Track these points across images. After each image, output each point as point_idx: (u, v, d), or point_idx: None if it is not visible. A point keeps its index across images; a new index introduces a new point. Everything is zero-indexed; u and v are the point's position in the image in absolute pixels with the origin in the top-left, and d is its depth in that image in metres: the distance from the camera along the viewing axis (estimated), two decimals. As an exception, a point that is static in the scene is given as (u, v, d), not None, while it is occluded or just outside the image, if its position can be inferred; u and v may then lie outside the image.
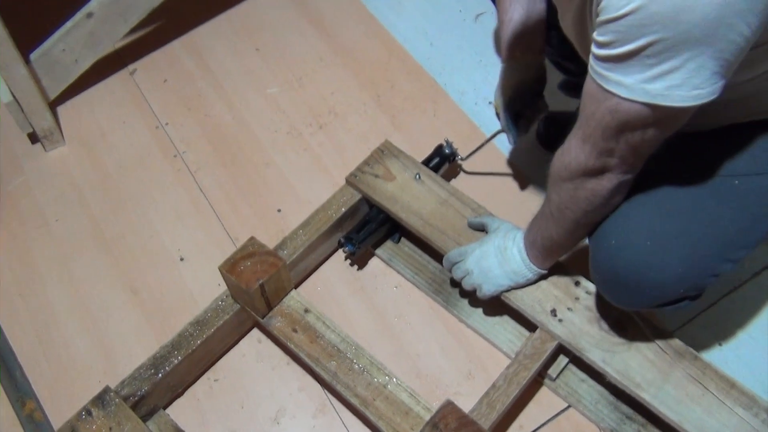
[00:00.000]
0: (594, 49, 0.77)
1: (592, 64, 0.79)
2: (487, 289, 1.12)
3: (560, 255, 1.08)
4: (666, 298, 0.99)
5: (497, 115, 1.27)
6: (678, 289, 0.97)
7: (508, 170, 1.46)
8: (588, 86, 0.82)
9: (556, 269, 1.14)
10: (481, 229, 1.20)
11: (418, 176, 1.27)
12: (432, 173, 1.29)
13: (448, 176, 1.43)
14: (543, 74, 1.23)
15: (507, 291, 1.13)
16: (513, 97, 1.22)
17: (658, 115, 0.77)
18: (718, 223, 0.95)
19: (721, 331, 1.25)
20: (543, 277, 1.14)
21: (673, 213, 0.96)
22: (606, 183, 0.90)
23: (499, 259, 1.11)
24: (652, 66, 0.72)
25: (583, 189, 0.92)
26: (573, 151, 0.90)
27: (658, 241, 0.94)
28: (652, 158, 0.89)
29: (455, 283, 1.28)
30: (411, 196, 1.25)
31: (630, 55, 0.73)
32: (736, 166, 0.96)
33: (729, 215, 0.95)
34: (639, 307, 1.03)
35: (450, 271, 1.18)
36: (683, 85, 0.73)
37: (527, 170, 1.45)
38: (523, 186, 1.43)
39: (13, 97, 1.43)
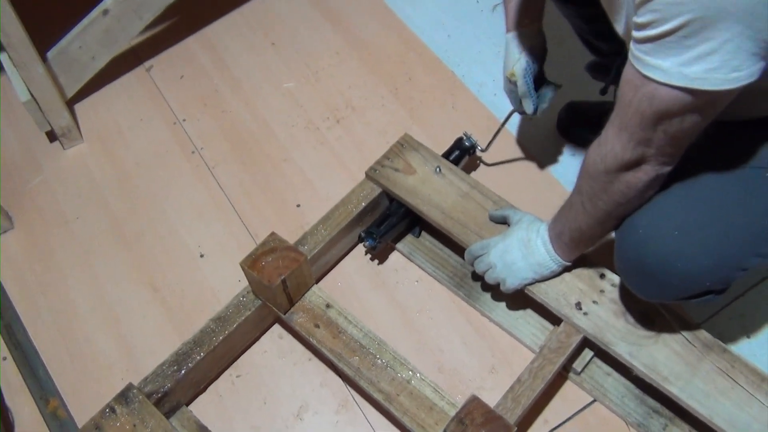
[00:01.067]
0: (633, 33, 0.76)
1: (632, 49, 0.78)
2: (511, 283, 1.11)
3: (588, 247, 1.06)
4: (692, 291, 0.97)
5: (509, 89, 1.24)
6: (705, 281, 0.95)
7: (528, 161, 1.44)
8: (626, 73, 0.80)
9: (580, 261, 1.12)
10: (503, 221, 1.19)
11: (438, 169, 1.26)
12: (452, 166, 1.27)
13: (468, 169, 1.41)
14: (544, 42, 1.22)
15: (531, 284, 1.12)
16: (529, 61, 1.19)
17: (697, 100, 0.76)
18: (747, 215, 0.93)
19: (750, 323, 1.23)
20: (567, 269, 1.12)
21: (702, 204, 0.94)
22: (642, 176, 0.88)
23: (523, 251, 1.10)
24: (690, 48, 0.71)
25: (618, 182, 0.90)
26: (609, 143, 0.88)
27: (687, 231, 0.92)
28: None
29: (477, 277, 1.27)
30: (432, 190, 1.24)
31: (668, 34, 0.72)
32: (766, 157, 0.93)
33: (760, 208, 0.93)
34: (664, 299, 1.01)
35: (472, 264, 1.17)
36: (722, 67, 0.71)
37: (547, 160, 1.44)
38: (543, 176, 1.41)
39: (31, 95, 1.43)
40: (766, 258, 0.95)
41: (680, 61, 0.73)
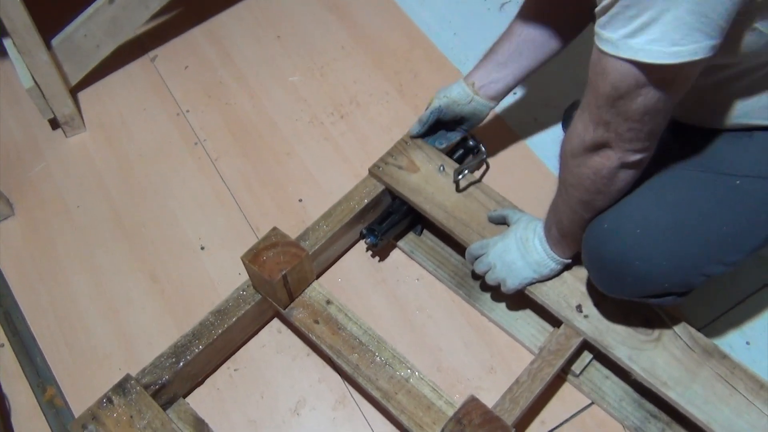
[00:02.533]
0: (596, 10, 0.77)
1: (594, 27, 0.78)
2: (511, 283, 1.11)
3: (577, 242, 1.05)
4: (650, 290, 0.98)
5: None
6: (662, 282, 0.96)
7: (532, 161, 1.44)
8: (592, 55, 0.81)
9: (581, 263, 1.12)
10: (502, 222, 1.19)
11: (442, 168, 1.26)
12: (456, 165, 1.27)
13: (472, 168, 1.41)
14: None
15: (531, 284, 1.12)
16: (450, 107, 1.25)
17: (644, 75, 0.76)
18: (711, 221, 0.93)
19: (750, 330, 1.23)
20: (568, 267, 1.12)
21: (669, 205, 0.94)
22: (606, 162, 0.88)
23: (522, 251, 1.10)
24: (633, 18, 0.72)
25: (585, 166, 0.90)
26: (574, 122, 0.89)
27: (648, 231, 0.93)
28: (659, 146, 0.88)
29: (477, 276, 1.27)
30: (435, 188, 1.24)
31: (613, 3, 0.73)
32: (740, 166, 0.94)
33: (724, 215, 0.93)
34: (623, 295, 1.02)
35: (472, 264, 1.16)
36: (662, 39, 0.72)
37: (553, 161, 1.43)
38: (547, 176, 1.41)
39: (35, 82, 1.42)
40: (730, 266, 0.95)
41: (625, 33, 0.74)
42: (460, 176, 1.23)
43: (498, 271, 1.12)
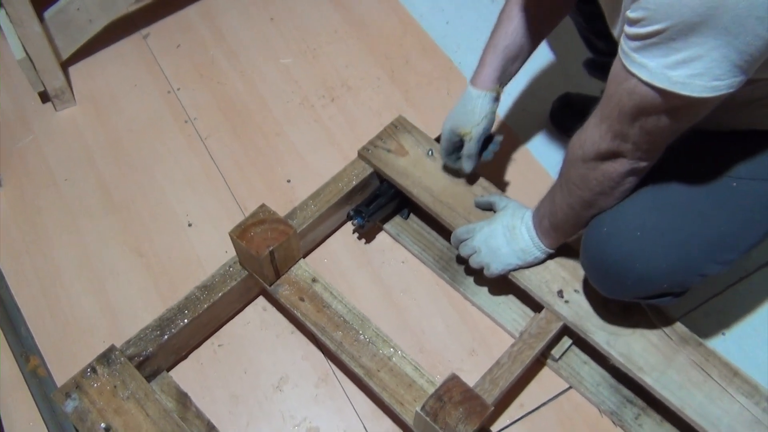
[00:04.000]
0: (625, 27, 0.77)
1: (621, 44, 0.78)
2: (495, 268, 1.13)
3: (568, 236, 1.08)
4: (649, 291, 1.00)
5: (450, 143, 1.20)
6: (661, 284, 0.97)
7: (519, 150, 1.45)
8: (614, 66, 0.81)
9: (564, 251, 1.14)
10: (489, 208, 1.20)
11: (430, 152, 1.27)
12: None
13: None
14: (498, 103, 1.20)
15: (515, 270, 1.14)
16: (486, 127, 1.17)
17: (675, 103, 0.77)
18: (709, 223, 0.95)
19: (725, 320, 1.25)
20: (551, 257, 1.14)
21: (667, 208, 0.96)
22: (618, 167, 0.90)
23: (507, 237, 1.11)
24: (676, 51, 0.72)
25: (595, 171, 0.92)
26: (589, 131, 0.90)
27: (648, 234, 0.95)
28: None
29: (462, 260, 1.28)
30: (423, 172, 1.25)
31: (656, 34, 0.72)
32: (738, 169, 0.95)
33: (722, 217, 0.95)
34: (622, 297, 1.04)
35: (457, 248, 1.18)
36: (704, 74, 0.72)
37: (538, 150, 1.45)
38: (533, 166, 1.43)
39: (26, 54, 1.42)
40: (726, 265, 0.97)
41: (665, 63, 0.73)
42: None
43: (483, 255, 1.13)
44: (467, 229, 1.16)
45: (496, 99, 1.16)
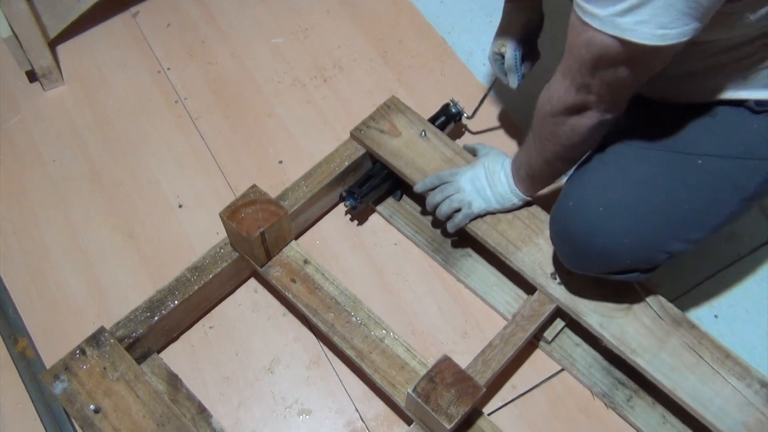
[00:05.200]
0: None
1: None
2: (476, 206, 1.13)
3: (544, 185, 1.10)
4: (613, 267, 1.01)
5: (495, 59, 1.24)
6: (625, 259, 0.98)
7: (513, 130, 1.44)
8: (571, 18, 0.82)
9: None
10: (474, 154, 1.23)
11: (423, 133, 1.26)
12: (438, 131, 1.27)
13: (453, 136, 1.41)
14: (542, 17, 1.21)
15: (493, 213, 1.15)
16: (522, 37, 1.19)
17: (629, 51, 0.77)
18: (673, 200, 0.95)
19: (718, 303, 1.25)
20: (528, 204, 1.15)
21: (631, 184, 0.97)
22: (587, 120, 0.91)
23: (489, 180, 1.13)
24: None
25: (564, 125, 0.93)
26: (555, 86, 0.91)
27: (611, 209, 0.96)
28: (624, 124, 0.89)
29: (456, 244, 1.28)
30: (416, 153, 1.24)
31: None
32: (703, 146, 0.96)
33: (687, 194, 0.95)
34: (588, 271, 1.05)
35: (436, 189, 1.17)
36: (650, 21, 0.73)
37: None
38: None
39: (13, 32, 1.39)
40: (692, 243, 0.98)
41: (614, 11, 0.74)
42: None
43: (467, 194, 1.14)
44: (451, 172, 1.17)
45: (531, 9, 1.17)
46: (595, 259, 0.99)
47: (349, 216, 1.34)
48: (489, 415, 1.14)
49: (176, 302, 1.12)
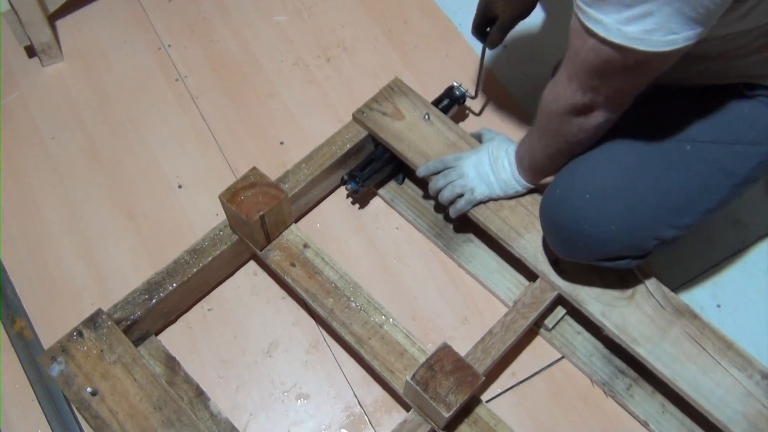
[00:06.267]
0: None
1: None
2: (480, 192, 1.12)
3: (546, 176, 1.09)
4: (602, 254, 1.00)
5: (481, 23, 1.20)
6: (613, 246, 0.98)
7: (518, 113, 1.42)
8: (573, 21, 0.81)
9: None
10: (479, 139, 1.21)
11: (427, 116, 1.24)
12: (441, 114, 1.25)
13: (457, 119, 1.39)
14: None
15: (496, 199, 1.14)
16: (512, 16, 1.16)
17: (637, 58, 0.76)
18: (661, 186, 0.95)
19: (721, 293, 1.24)
20: (531, 191, 1.14)
21: (619, 170, 0.96)
22: (593, 120, 0.90)
23: (493, 166, 1.12)
24: (628, 6, 0.72)
25: (570, 124, 0.92)
26: (561, 86, 0.89)
27: (598, 196, 0.95)
28: None
29: (457, 228, 1.27)
30: (419, 136, 1.22)
31: None
32: (692, 132, 0.95)
33: (674, 180, 0.94)
34: (577, 259, 1.04)
35: (439, 173, 1.16)
36: (659, 29, 0.72)
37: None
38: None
39: (11, 6, 1.37)
40: (682, 229, 0.97)
41: (619, 19, 0.73)
42: None
43: (470, 179, 1.13)
44: (455, 156, 1.16)
45: None
46: (584, 246, 0.99)
47: (350, 199, 1.32)
48: (488, 402, 1.14)
49: (174, 285, 1.12)
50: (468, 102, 1.38)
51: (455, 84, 1.34)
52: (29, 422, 1.12)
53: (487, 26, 1.20)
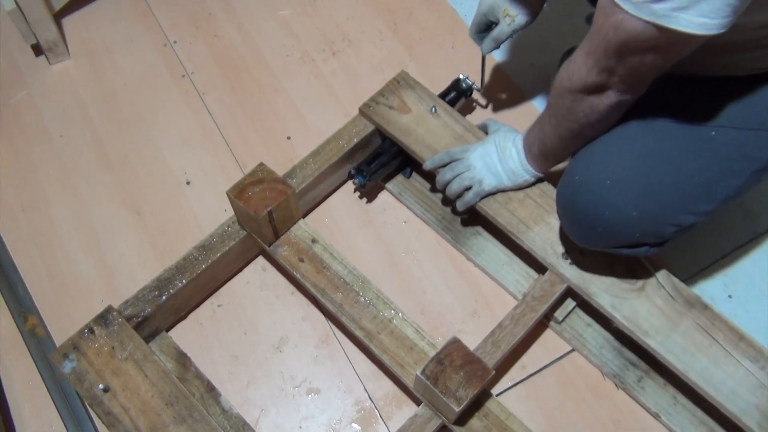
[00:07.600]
0: None
1: None
2: (488, 183, 1.12)
3: (556, 162, 1.08)
4: (621, 241, 0.99)
5: (484, 19, 1.18)
6: (633, 232, 0.96)
7: (524, 106, 1.41)
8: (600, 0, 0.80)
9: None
10: (485, 131, 1.21)
11: (434, 109, 1.23)
12: (448, 107, 1.25)
13: (464, 112, 1.39)
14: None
15: (504, 190, 1.13)
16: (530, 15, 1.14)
17: (661, 38, 0.75)
18: (682, 172, 0.93)
19: (732, 283, 1.23)
20: (540, 180, 1.13)
21: (639, 155, 0.95)
22: (605, 100, 0.89)
23: (500, 156, 1.11)
24: None
25: (582, 103, 0.91)
26: (577, 64, 0.89)
27: (618, 182, 0.94)
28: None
29: (465, 222, 1.27)
30: (426, 130, 1.21)
31: None
32: (716, 117, 0.94)
33: (696, 166, 0.93)
34: (596, 246, 1.03)
35: (446, 166, 1.15)
36: (690, 8, 0.70)
37: (545, 105, 1.41)
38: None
39: (17, 4, 1.37)
40: (701, 216, 0.96)
41: None
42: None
43: (477, 171, 1.12)
44: (462, 148, 1.15)
45: None
46: (603, 233, 0.97)
47: (358, 194, 1.32)
48: (498, 395, 1.14)
49: (184, 281, 1.12)
50: (475, 94, 1.37)
51: (462, 76, 1.33)
52: (42, 419, 1.13)
53: (486, 29, 1.19)
